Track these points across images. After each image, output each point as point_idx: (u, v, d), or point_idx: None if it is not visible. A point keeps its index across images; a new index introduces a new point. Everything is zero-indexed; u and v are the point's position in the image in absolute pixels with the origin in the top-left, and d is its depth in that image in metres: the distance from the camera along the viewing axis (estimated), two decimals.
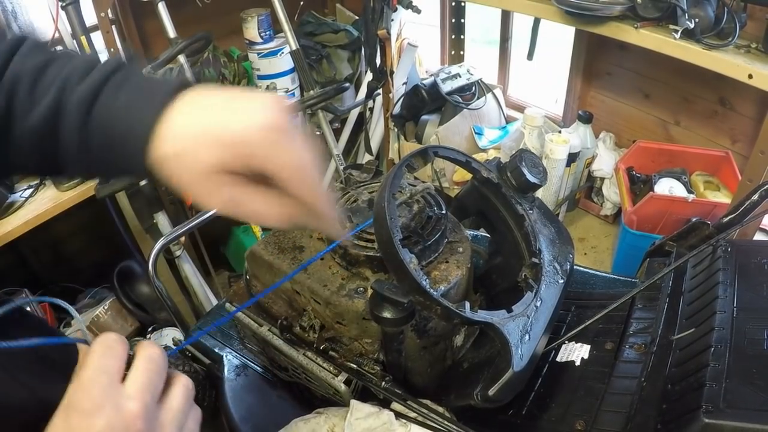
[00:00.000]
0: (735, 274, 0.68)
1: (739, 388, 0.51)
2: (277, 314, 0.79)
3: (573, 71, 1.79)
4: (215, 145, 0.38)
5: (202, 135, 0.38)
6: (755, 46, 1.11)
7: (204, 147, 0.38)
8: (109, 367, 0.37)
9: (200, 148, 0.38)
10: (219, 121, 0.38)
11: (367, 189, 0.81)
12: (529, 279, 0.69)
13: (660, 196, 1.36)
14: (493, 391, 0.59)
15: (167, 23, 1.58)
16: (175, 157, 0.39)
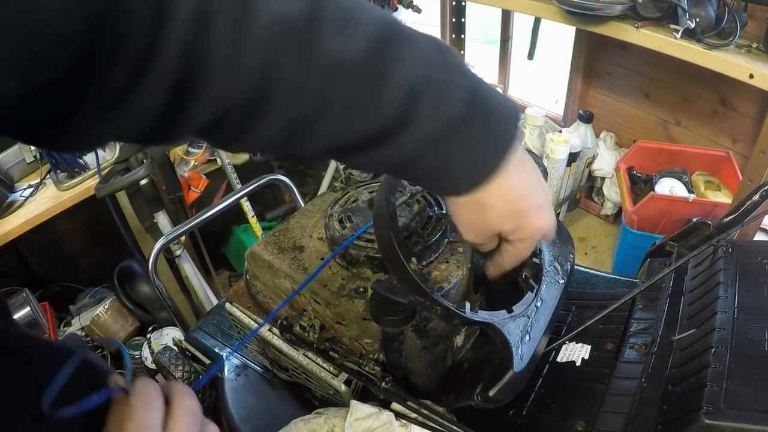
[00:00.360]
0: (736, 275, 0.67)
1: (740, 389, 0.51)
2: (278, 314, 0.79)
3: (573, 71, 1.78)
4: (511, 223, 0.51)
5: (510, 212, 0.50)
6: (756, 45, 1.11)
7: (504, 221, 0.51)
8: (154, 424, 0.39)
9: (502, 218, 0.50)
10: (522, 211, 0.51)
11: (368, 189, 0.81)
12: (530, 279, 0.69)
13: (661, 196, 1.36)
14: (494, 391, 0.59)
15: None
16: (483, 208, 0.49)
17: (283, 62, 0.37)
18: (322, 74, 0.38)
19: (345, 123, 0.41)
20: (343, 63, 0.39)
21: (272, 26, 0.36)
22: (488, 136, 0.45)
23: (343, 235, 0.71)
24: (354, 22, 0.39)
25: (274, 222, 2.11)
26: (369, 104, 0.41)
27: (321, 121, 0.41)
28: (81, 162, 1.61)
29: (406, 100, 0.41)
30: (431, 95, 0.42)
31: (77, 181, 1.60)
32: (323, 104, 0.40)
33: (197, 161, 1.91)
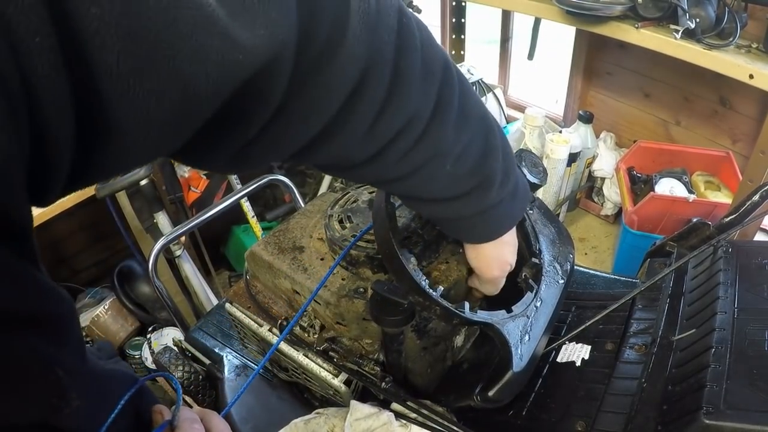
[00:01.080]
0: (736, 275, 0.67)
1: (740, 389, 0.51)
2: (277, 314, 0.79)
3: (573, 71, 1.78)
4: (513, 258, 0.65)
5: (496, 261, 0.64)
6: (756, 46, 1.11)
7: (513, 256, 0.65)
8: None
9: (510, 260, 0.65)
10: (507, 260, 0.64)
11: (368, 189, 0.81)
12: (529, 279, 0.69)
13: (661, 196, 1.36)
14: (493, 391, 0.59)
15: None
16: (487, 255, 0.63)
17: (408, 147, 0.47)
18: (425, 155, 0.49)
19: (418, 188, 0.53)
20: (444, 153, 0.49)
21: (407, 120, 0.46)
22: (512, 210, 0.59)
23: (343, 236, 0.71)
24: (470, 122, 0.51)
25: (274, 222, 2.11)
26: (453, 184, 0.53)
27: (401, 182, 0.52)
28: None
29: (480, 184, 0.53)
30: (498, 184, 0.54)
31: None
32: (418, 173, 0.50)
33: None
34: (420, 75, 0.44)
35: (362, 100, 0.41)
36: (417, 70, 0.44)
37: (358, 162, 0.48)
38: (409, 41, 0.44)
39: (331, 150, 0.45)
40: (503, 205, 0.57)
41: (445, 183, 0.52)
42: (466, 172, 0.52)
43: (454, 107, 0.48)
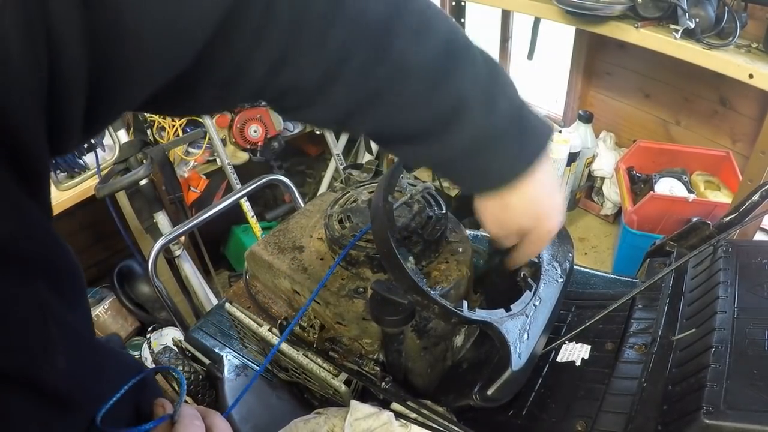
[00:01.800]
0: (736, 275, 0.67)
1: (740, 389, 0.51)
2: (277, 314, 0.79)
3: (573, 71, 1.78)
4: (530, 222, 0.57)
5: (531, 212, 0.55)
6: (756, 45, 1.11)
7: (524, 219, 0.56)
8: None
9: (523, 217, 0.56)
10: (541, 213, 0.56)
11: (367, 189, 0.81)
12: (528, 278, 0.69)
13: (660, 195, 1.36)
14: (492, 390, 0.59)
15: None
16: (508, 207, 0.54)
17: (359, 52, 0.43)
18: (388, 70, 0.44)
19: (395, 115, 0.47)
20: (410, 66, 0.44)
21: (357, 21, 0.42)
22: (522, 149, 0.51)
23: (343, 235, 0.71)
24: (429, 31, 0.45)
25: (274, 222, 2.11)
26: (421, 105, 0.46)
27: (376, 108, 0.46)
28: (81, 162, 1.61)
29: (454, 109, 0.47)
30: (478, 109, 0.47)
31: (77, 182, 1.60)
32: (381, 95, 0.45)
33: (197, 161, 1.91)
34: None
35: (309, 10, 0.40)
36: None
37: (312, 87, 0.44)
38: None
39: (284, 77, 0.42)
40: (497, 141, 0.49)
41: (412, 109, 0.46)
42: (434, 90, 0.46)
43: (414, 12, 0.45)
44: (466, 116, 0.47)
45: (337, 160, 2.16)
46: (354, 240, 0.69)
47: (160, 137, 1.77)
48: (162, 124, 1.78)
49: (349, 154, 2.47)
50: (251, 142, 1.91)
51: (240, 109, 1.89)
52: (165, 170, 1.67)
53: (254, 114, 1.90)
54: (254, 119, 1.90)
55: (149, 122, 1.73)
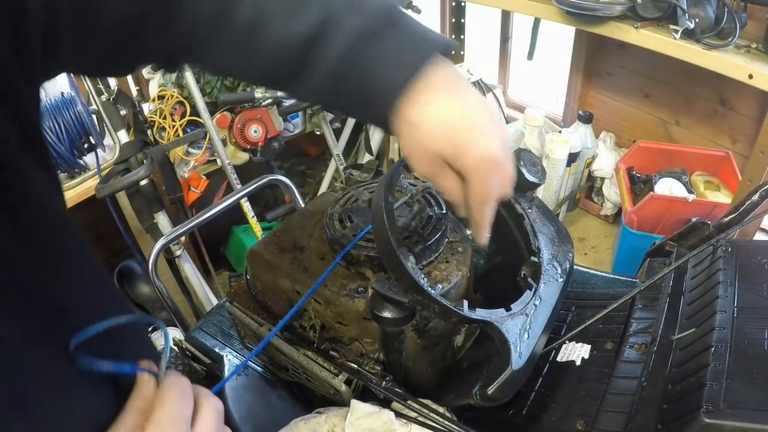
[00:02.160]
0: (735, 274, 0.68)
1: (740, 388, 0.51)
2: (278, 314, 0.79)
3: (573, 71, 1.79)
4: (447, 145, 0.48)
5: (443, 131, 0.48)
6: (755, 46, 1.11)
7: (439, 141, 0.48)
8: (185, 416, 0.40)
9: (437, 139, 0.48)
10: (458, 131, 0.48)
11: (368, 189, 0.81)
12: (529, 278, 0.69)
13: (660, 196, 1.36)
14: (492, 389, 0.59)
15: None
16: (414, 128, 0.48)
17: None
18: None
19: (277, 26, 0.46)
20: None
21: None
22: (401, 50, 0.47)
23: (343, 235, 0.71)
24: None
25: (274, 222, 2.11)
26: (292, 17, 0.45)
27: (262, 28, 0.46)
28: (81, 162, 1.61)
29: (320, 16, 0.45)
30: (344, 14, 0.45)
31: (77, 182, 1.60)
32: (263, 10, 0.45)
33: (197, 161, 1.91)
34: None
35: None
36: None
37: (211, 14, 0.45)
38: None
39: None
40: (371, 42, 0.46)
41: (285, 25, 0.46)
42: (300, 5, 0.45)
43: None
44: (335, 24, 0.45)
45: (338, 160, 2.17)
46: (354, 240, 0.69)
47: (160, 137, 1.78)
48: (162, 125, 1.78)
49: (349, 154, 2.47)
50: (251, 143, 1.92)
51: (240, 110, 1.89)
52: (165, 170, 1.67)
53: (254, 114, 1.90)
54: (254, 119, 1.90)
55: (149, 122, 1.73)
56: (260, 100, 1.88)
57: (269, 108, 1.92)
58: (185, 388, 0.42)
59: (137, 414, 0.40)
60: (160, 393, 0.41)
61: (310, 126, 2.20)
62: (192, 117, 1.84)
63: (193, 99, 1.79)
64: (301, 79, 0.49)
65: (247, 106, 1.89)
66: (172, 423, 0.39)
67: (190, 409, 0.41)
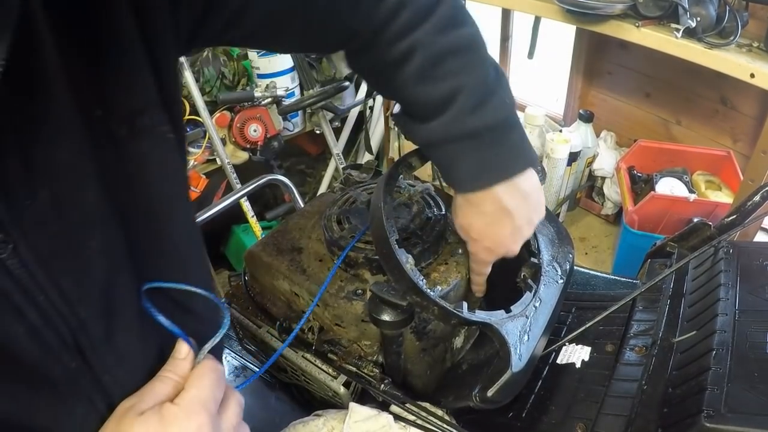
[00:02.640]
0: (737, 276, 0.67)
1: (741, 392, 0.51)
2: (276, 316, 0.79)
3: (574, 70, 1.78)
4: (464, 236, 0.65)
5: (465, 226, 0.63)
6: (757, 45, 1.10)
7: (461, 227, 0.64)
8: (217, 402, 0.42)
9: (461, 224, 0.64)
10: (490, 240, 0.63)
11: (366, 190, 0.81)
12: (528, 279, 0.69)
13: (661, 195, 1.35)
14: (492, 392, 0.59)
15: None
16: (457, 210, 0.63)
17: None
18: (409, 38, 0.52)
19: (417, 80, 0.54)
20: (433, 50, 0.52)
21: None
22: (492, 156, 0.56)
23: (342, 237, 0.71)
24: (461, 23, 0.54)
25: (274, 222, 2.11)
26: (430, 84, 0.53)
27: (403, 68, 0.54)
28: None
29: (450, 94, 0.53)
30: (467, 100, 0.53)
31: None
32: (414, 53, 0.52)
33: (197, 161, 1.91)
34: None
35: None
36: None
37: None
38: None
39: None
40: (481, 143, 0.55)
41: (416, 72, 0.53)
42: (437, 76, 0.53)
43: (448, 7, 0.53)
44: (458, 103, 0.53)
45: (337, 160, 2.16)
46: (353, 242, 0.68)
47: None
48: None
49: (349, 154, 2.46)
50: (251, 142, 1.91)
51: (239, 109, 1.89)
52: None
53: (254, 113, 1.89)
54: (254, 119, 1.89)
55: None
56: (260, 99, 1.88)
57: (269, 107, 1.91)
58: (222, 375, 0.44)
59: (170, 385, 0.41)
60: (199, 373, 0.42)
61: (309, 125, 2.19)
62: (191, 116, 1.83)
63: (193, 98, 1.79)
64: (412, 123, 0.58)
65: (247, 105, 1.89)
66: (204, 405, 0.40)
67: (221, 397, 0.43)
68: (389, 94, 0.60)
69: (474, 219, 0.61)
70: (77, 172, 0.35)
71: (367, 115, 2.09)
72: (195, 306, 0.47)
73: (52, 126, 0.33)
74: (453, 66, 0.53)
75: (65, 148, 0.34)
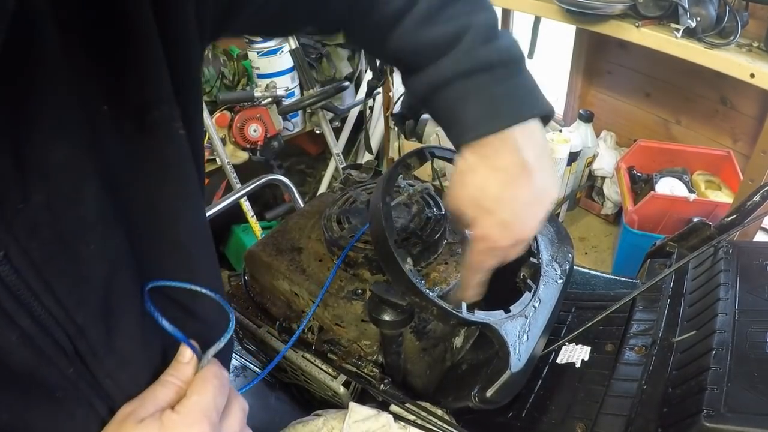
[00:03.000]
0: (736, 276, 0.67)
1: (740, 392, 0.51)
2: (276, 315, 0.79)
3: (574, 70, 1.78)
4: (471, 208, 0.52)
5: (475, 195, 0.51)
6: (757, 45, 1.10)
7: (465, 200, 0.52)
8: (219, 409, 0.41)
9: (465, 197, 0.52)
10: (481, 206, 0.51)
11: (366, 190, 0.81)
12: (528, 279, 0.69)
13: (661, 195, 1.36)
14: (491, 392, 0.59)
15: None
16: (462, 173, 0.51)
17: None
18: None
19: (420, 26, 0.50)
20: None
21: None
22: (507, 94, 0.49)
23: (341, 237, 0.71)
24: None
25: (274, 222, 2.10)
26: (438, 25, 0.49)
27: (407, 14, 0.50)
28: None
29: (459, 32, 0.48)
30: (475, 36, 0.49)
31: None
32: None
33: None
34: None
35: None
36: None
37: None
38: None
39: None
40: (493, 77, 0.49)
41: (421, 17, 0.49)
42: (444, 11, 0.49)
43: None
44: (465, 40, 0.48)
45: (337, 160, 2.16)
46: (352, 241, 0.68)
47: None
48: None
49: (349, 153, 2.46)
50: (251, 142, 1.91)
51: (239, 109, 1.89)
52: None
53: (254, 113, 1.89)
54: (254, 118, 1.89)
55: None
56: (260, 99, 1.88)
57: (269, 107, 1.91)
58: (225, 382, 0.42)
59: (172, 390, 0.40)
60: (202, 379, 0.41)
61: (309, 125, 2.19)
62: None
63: None
64: (415, 76, 0.52)
65: (247, 105, 1.89)
66: (205, 413, 0.39)
67: (223, 404, 0.42)
68: (390, 52, 0.53)
69: (488, 179, 0.50)
70: (75, 172, 0.33)
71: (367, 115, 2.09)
72: (200, 308, 0.46)
73: (49, 124, 0.31)
74: (459, 9, 0.49)
75: (62, 147, 0.32)
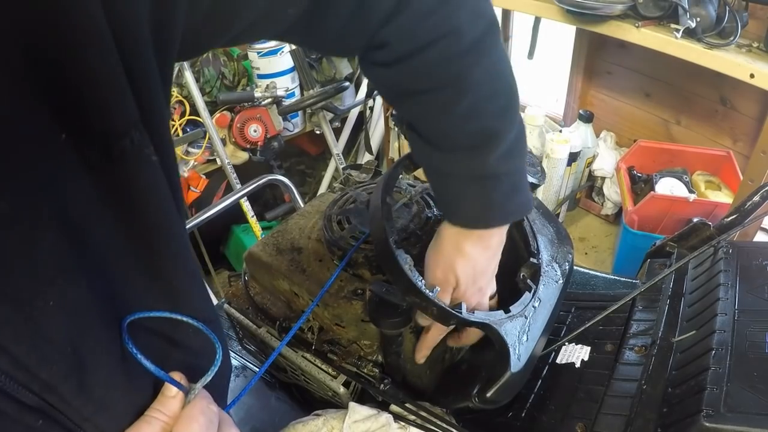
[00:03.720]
0: (736, 276, 0.67)
1: (740, 391, 0.51)
2: (276, 316, 0.79)
3: (574, 70, 1.78)
4: (440, 273, 0.60)
5: (467, 276, 0.60)
6: (757, 45, 1.10)
7: (443, 268, 0.60)
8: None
9: (443, 267, 0.60)
10: (479, 287, 0.62)
11: (366, 190, 0.81)
12: (528, 279, 0.69)
13: (661, 195, 1.35)
14: (491, 392, 0.59)
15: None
16: (442, 250, 0.60)
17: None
18: (450, 77, 0.50)
19: (429, 114, 0.53)
20: (469, 85, 0.51)
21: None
22: (505, 201, 0.56)
23: (342, 237, 0.71)
24: (497, 80, 0.53)
25: (274, 222, 2.11)
26: (453, 124, 0.53)
27: (417, 97, 0.52)
28: None
29: (486, 135, 0.53)
30: (503, 145, 0.53)
31: None
32: (430, 89, 0.51)
33: (197, 161, 1.91)
34: (471, 6, 0.48)
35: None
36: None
37: (391, 59, 0.50)
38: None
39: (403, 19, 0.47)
40: (498, 187, 0.55)
41: (455, 120, 0.52)
42: (480, 118, 0.52)
43: (495, 51, 0.51)
44: (490, 151, 0.53)
45: (337, 160, 2.16)
46: (356, 245, 0.68)
47: None
48: None
49: (349, 154, 2.46)
50: (251, 142, 1.91)
51: (240, 109, 1.89)
52: None
53: (254, 114, 1.89)
54: (254, 119, 1.89)
55: None
56: (260, 99, 1.88)
57: (269, 107, 1.91)
58: (213, 417, 0.40)
59: (157, 427, 0.38)
60: (188, 417, 0.39)
61: (309, 125, 2.19)
62: (191, 116, 1.84)
63: (193, 98, 1.79)
64: (427, 145, 0.55)
65: (247, 105, 1.89)
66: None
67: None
68: (405, 113, 0.57)
69: (480, 255, 0.59)
70: (27, 219, 0.29)
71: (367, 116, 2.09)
72: (184, 337, 0.43)
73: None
74: (494, 108, 0.52)
75: (7, 195, 0.28)
